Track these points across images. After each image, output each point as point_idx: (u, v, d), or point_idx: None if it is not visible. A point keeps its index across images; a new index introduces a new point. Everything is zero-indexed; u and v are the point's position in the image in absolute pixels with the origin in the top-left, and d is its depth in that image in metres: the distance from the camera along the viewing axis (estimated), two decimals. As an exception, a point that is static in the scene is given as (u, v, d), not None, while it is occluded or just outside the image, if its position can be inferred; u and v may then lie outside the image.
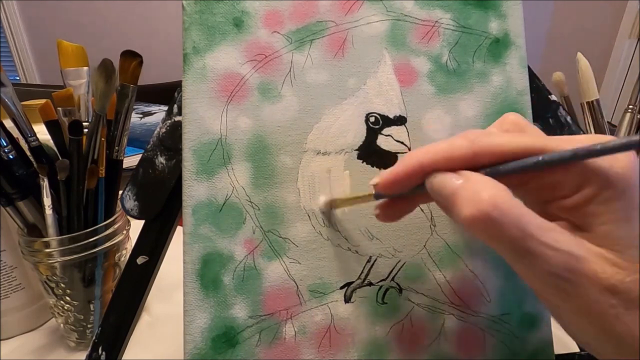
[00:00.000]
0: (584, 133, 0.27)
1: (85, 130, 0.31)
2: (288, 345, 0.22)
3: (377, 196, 0.20)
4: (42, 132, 0.32)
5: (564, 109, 0.26)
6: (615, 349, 0.15)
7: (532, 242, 0.14)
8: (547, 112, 0.25)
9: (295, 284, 0.22)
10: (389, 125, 0.23)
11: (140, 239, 0.25)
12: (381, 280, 0.23)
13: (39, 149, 0.32)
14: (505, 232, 0.14)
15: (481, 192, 0.15)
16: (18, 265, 0.35)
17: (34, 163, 0.32)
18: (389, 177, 0.18)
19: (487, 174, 0.16)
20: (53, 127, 0.32)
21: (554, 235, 0.14)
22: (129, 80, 0.31)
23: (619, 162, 0.15)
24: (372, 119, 0.23)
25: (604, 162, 0.15)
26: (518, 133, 0.18)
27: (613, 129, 0.43)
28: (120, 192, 0.26)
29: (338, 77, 0.23)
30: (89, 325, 0.34)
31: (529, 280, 0.16)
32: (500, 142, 0.16)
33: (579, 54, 0.35)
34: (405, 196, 0.19)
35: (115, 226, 0.34)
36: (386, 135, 0.23)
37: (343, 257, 0.23)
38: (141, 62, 0.30)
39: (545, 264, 0.14)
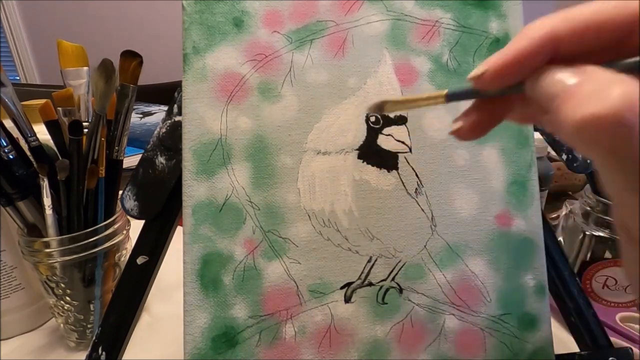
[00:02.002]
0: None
1: (85, 130, 0.31)
2: (288, 345, 0.22)
3: (450, 97, 0.16)
4: (42, 132, 0.32)
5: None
6: None
7: None
8: (547, 112, 0.25)
9: (295, 284, 0.22)
10: (389, 125, 0.23)
11: (140, 239, 0.25)
12: (381, 281, 0.23)
13: (39, 149, 0.32)
14: (633, 144, 0.11)
15: (611, 87, 0.11)
16: (18, 265, 0.35)
17: (34, 163, 0.32)
18: (504, 59, 0.13)
19: (623, 67, 0.12)
20: (53, 127, 0.32)
21: None
22: (129, 80, 0.31)
23: None
24: (372, 119, 0.23)
25: None
26: None
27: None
28: (120, 192, 0.26)
29: (338, 77, 0.23)
30: (89, 325, 0.34)
31: (631, 214, 0.12)
32: None
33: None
34: (492, 99, 0.15)
35: (115, 226, 0.34)
36: (387, 135, 0.23)
37: (343, 257, 0.23)
38: (141, 62, 0.30)
39: None
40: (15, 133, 0.32)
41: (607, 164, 0.12)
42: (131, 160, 0.52)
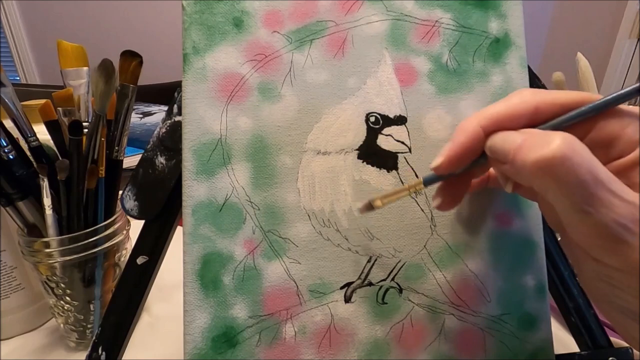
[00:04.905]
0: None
1: (85, 130, 0.31)
2: (288, 346, 0.22)
3: (427, 182, 0.19)
4: (42, 132, 0.32)
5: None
6: None
7: (602, 188, 0.14)
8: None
9: (295, 284, 0.22)
10: (389, 125, 0.23)
11: (140, 239, 0.25)
12: (381, 280, 0.23)
13: (39, 149, 0.32)
14: (576, 174, 0.14)
15: (552, 137, 0.14)
16: (18, 265, 0.35)
17: (34, 163, 0.32)
18: (452, 151, 0.17)
19: (554, 127, 0.16)
20: (53, 127, 0.32)
21: (622, 187, 0.14)
22: (129, 80, 0.31)
23: None
24: (372, 119, 0.23)
25: None
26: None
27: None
28: (120, 192, 0.26)
29: (338, 77, 0.23)
30: (89, 325, 0.34)
31: (583, 232, 0.15)
32: (559, 95, 0.17)
33: (579, 54, 0.35)
34: (459, 174, 0.19)
35: (115, 226, 0.34)
36: (386, 135, 0.23)
37: (343, 257, 0.23)
38: (141, 62, 0.30)
39: (611, 212, 0.14)
40: (15, 133, 0.32)
41: (559, 191, 0.15)
42: (131, 160, 0.52)
